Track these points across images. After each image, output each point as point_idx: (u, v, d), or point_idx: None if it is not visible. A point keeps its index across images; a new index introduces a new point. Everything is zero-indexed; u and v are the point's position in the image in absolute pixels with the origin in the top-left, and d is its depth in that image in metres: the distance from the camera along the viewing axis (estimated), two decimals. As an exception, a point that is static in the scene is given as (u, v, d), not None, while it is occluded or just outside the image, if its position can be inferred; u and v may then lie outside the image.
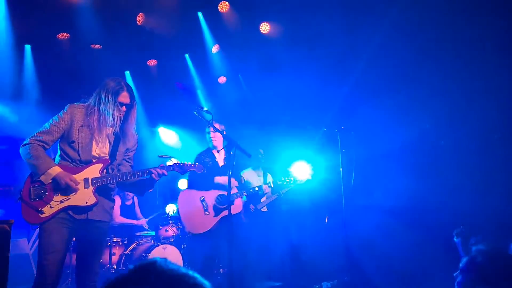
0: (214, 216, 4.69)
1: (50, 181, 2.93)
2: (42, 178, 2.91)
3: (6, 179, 5.67)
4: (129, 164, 3.38)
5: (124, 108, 3.20)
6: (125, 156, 3.33)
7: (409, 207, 5.75)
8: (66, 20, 6.31)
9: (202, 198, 4.72)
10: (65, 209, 2.96)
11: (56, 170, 2.94)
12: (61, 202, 2.95)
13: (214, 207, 4.72)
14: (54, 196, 2.95)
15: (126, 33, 6.81)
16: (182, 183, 7.91)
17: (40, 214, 2.89)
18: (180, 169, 3.46)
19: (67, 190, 2.96)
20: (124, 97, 3.18)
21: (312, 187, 6.44)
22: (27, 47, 6.65)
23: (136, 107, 3.32)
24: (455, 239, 3.97)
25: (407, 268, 5.47)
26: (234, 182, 4.85)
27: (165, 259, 0.99)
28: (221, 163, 5.00)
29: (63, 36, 6.56)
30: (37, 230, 4.98)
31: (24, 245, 4.97)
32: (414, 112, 6.09)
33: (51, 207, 2.92)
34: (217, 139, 4.88)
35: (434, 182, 5.81)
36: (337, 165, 4.90)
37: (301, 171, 6.37)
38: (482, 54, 5.53)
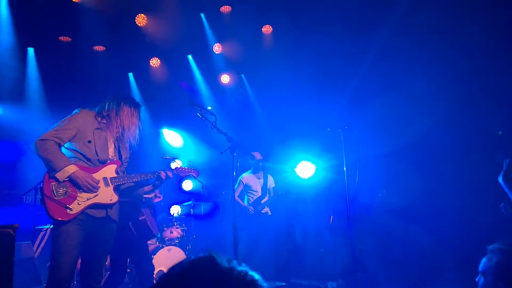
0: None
1: (66, 179, 2.92)
2: (58, 175, 2.89)
3: (9, 183, 5.67)
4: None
5: (139, 121, 3.43)
6: (124, 164, 3.40)
7: (414, 205, 5.73)
8: (69, 23, 6.32)
9: None
10: (89, 207, 2.99)
11: (73, 168, 2.94)
12: (88, 199, 2.98)
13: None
14: (79, 193, 2.96)
15: (129, 34, 6.81)
16: (186, 184, 7.92)
17: (68, 211, 2.88)
18: (181, 173, 3.70)
19: (84, 190, 2.97)
20: (139, 111, 3.44)
21: (317, 186, 6.43)
22: (30, 50, 6.66)
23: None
24: None
25: (412, 266, 5.45)
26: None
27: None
28: None
29: (65, 38, 6.57)
30: (41, 233, 4.99)
31: (29, 249, 4.96)
32: (417, 110, 6.07)
33: (78, 203, 2.94)
34: None
35: (439, 179, 5.78)
36: (341, 164, 4.88)
37: (306, 170, 6.38)
38: (485, 51, 5.50)
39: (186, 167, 3.77)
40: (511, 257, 1.94)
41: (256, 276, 0.96)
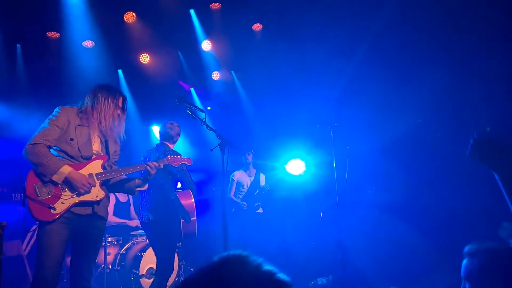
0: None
1: (63, 180, 2.90)
2: (55, 177, 2.87)
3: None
4: (116, 167, 3.40)
5: (119, 111, 3.28)
6: (113, 158, 3.36)
7: (403, 202, 5.78)
8: (56, 19, 6.26)
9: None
10: (75, 205, 2.95)
11: (67, 168, 2.92)
12: (72, 197, 2.94)
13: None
14: (63, 192, 2.92)
15: (118, 31, 6.76)
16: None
17: (52, 211, 2.85)
18: (173, 162, 3.58)
19: (79, 191, 2.94)
20: (120, 102, 3.30)
21: (307, 183, 6.46)
22: (18, 47, 6.58)
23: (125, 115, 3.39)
24: None
25: (401, 263, 5.50)
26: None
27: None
28: None
29: (53, 35, 6.49)
30: (30, 233, 4.95)
31: (18, 247, 4.92)
32: (407, 106, 6.12)
33: (62, 202, 2.89)
34: None
35: (428, 176, 5.83)
36: (331, 161, 4.92)
37: (296, 167, 6.41)
38: (474, 47, 5.55)
39: (178, 156, 3.67)
40: (499, 257, 1.89)
41: (285, 276, 0.96)
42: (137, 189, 3.45)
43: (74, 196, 2.96)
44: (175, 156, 3.65)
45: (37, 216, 2.83)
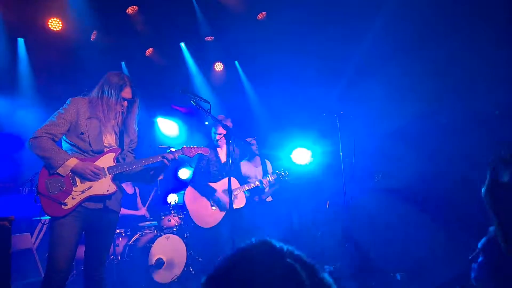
0: (221, 211, 5.00)
1: (69, 173, 2.91)
2: (60, 170, 2.88)
3: (4, 175, 5.64)
4: (133, 155, 3.40)
5: (125, 103, 3.23)
6: (129, 148, 3.35)
7: (410, 189, 5.75)
8: (59, 11, 6.24)
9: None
10: (86, 200, 2.96)
11: (74, 161, 2.93)
12: (83, 192, 2.95)
13: (220, 202, 5.00)
14: (74, 187, 2.93)
15: (121, 23, 6.72)
16: (183, 173, 7.90)
17: (63, 206, 2.87)
18: (188, 153, 3.53)
19: (89, 179, 2.95)
20: (127, 93, 3.23)
21: (313, 172, 6.44)
22: (20, 41, 6.56)
23: (138, 102, 3.33)
24: None
25: (408, 250, 5.50)
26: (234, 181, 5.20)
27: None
28: (223, 159, 5.23)
29: (56, 28, 6.45)
30: (40, 224, 4.99)
31: (27, 240, 4.97)
32: (414, 92, 6.06)
33: (73, 198, 2.91)
34: (222, 139, 5.19)
35: (436, 163, 5.79)
36: (337, 149, 4.90)
37: (302, 157, 6.38)
38: (484, 32, 5.47)
39: (194, 146, 3.64)
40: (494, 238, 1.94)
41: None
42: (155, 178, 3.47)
43: (85, 191, 2.96)
44: (191, 146, 3.63)
45: (48, 211, 2.86)
